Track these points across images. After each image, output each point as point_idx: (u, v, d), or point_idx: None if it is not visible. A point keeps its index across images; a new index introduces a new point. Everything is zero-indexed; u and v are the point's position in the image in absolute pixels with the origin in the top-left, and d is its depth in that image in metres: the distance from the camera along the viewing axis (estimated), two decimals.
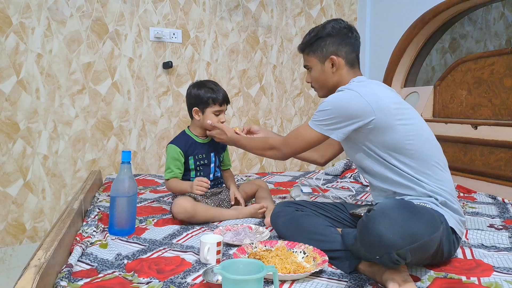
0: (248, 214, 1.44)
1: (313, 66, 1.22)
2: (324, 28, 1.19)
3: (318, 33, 1.19)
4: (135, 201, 1.30)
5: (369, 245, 0.86)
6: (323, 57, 1.19)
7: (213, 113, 1.47)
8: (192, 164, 1.49)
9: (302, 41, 1.24)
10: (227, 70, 2.53)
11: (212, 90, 1.48)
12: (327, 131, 1.12)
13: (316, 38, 1.19)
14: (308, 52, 1.22)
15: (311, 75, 1.24)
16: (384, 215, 0.85)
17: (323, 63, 1.19)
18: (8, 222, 2.06)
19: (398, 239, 0.81)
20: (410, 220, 0.84)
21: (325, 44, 1.18)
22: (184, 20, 2.38)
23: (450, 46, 3.18)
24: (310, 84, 1.27)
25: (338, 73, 1.19)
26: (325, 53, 1.18)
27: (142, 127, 2.34)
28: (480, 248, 1.16)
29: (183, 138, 1.52)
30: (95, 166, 2.24)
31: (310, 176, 2.32)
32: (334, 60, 1.18)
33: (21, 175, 2.08)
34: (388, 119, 1.06)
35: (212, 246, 1.02)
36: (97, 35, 2.19)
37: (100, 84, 2.22)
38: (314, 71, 1.22)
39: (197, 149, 1.50)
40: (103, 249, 1.12)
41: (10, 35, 2.01)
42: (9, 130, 2.04)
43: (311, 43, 1.20)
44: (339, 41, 1.18)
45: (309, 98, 2.80)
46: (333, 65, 1.18)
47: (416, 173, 1.07)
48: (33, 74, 2.07)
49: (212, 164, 1.53)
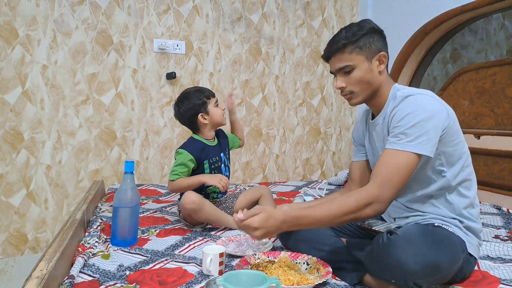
0: None
1: (358, 64, 1.02)
2: (366, 23, 1.04)
3: (363, 28, 1.02)
4: (137, 211, 1.30)
5: (386, 268, 0.84)
6: (371, 54, 1.02)
7: (215, 107, 1.50)
8: (207, 168, 1.50)
9: (340, 38, 1.03)
10: (229, 80, 2.55)
11: (198, 91, 1.51)
12: (425, 149, 0.92)
13: (363, 33, 1.01)
14: (352, 49, 1.02)
15: (352, 77, 1.03)
16: (407, 241, 0.82)
17: (370, 61, 1.02)
18: (10, 232, 2.05)
19: (420, 269, 0.80)
20: (434, 250, 0.83)
21: (373, 40, 1.02)
22: (187, 31, 2.41)
23: (451, 56, 3.20)
24: (341, 90, 1.07)
25: (383, 73, 1.05)
26: (373, 49, 1.02)
27: (145, 137, 2.35)
28: (486, 260, 1.14)
29: (195, 144, 1.50)
30: (98, 176, 2.24)
31: (313, 186, 2.31)
32: (383, 57, 1.03)
33: (24, 185, 2.08)
34: (455, 126, 0.99)
35: (214, 257, 1.02)
36: (101, 47, 2.22)
37: (104, 94, 2.24)
38: (358, 71, 1.02)
39: (210, 152, 1.51)
40: (105, 260, 1.11)
41: (16, 47, 2.04)
42: (13, 140, 2.05)
43: (357, 38, 1.01)
44: (383, 38, 1.05)
45: (311, 108, 2.81)
46: (380, 64, 1.04)
47: (452, 192, 1.00)
48: (38, 85, 2.09)
49: (222, 164, 1.55)
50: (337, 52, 1.04)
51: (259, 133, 2.65)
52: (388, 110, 1.04)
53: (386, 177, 0.92)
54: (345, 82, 1.05)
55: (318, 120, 2.84)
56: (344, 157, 2.96)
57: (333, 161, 2.92)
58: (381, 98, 1.06)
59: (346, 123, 2.94)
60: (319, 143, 2.85)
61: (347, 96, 1.07)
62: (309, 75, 2.79)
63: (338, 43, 1.03)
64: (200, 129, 1.52)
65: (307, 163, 2.82)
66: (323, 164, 2.88)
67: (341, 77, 1.06)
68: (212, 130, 1.54)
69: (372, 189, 0.92)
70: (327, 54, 1.07)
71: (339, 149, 2.93)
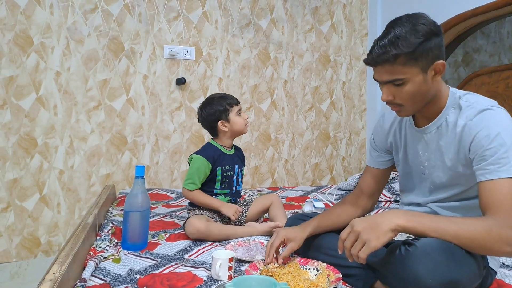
0: (262, 232, 1.42)
1: (411, 78, 0.89)
2: (422, 25, 0.88)
3: (419, 34, 0.87)
4: (148, 215, 1.31)
5: (402, 280, 0.82)
6: (428, 64, 0.89)
7: (236, 115, 1.50)
8: (219, 175, 1.49)
9: (391, 46, 0.87)
10: (238, 85, 2.56)
11: (222, 98, 1.51)
12: None
13: (420, 42, 0.86)
14: (406, 60, 0.87)
15: (404, 91, 0.90)
16: (426, 255, 0.79)
17: (426, 72, 0.89)
18: (23, 236, 2.09)
19: (437, 285, 0.77)
20: (454, 266, 0.79)
21: (430, 47, 0.88)
22: (197, 37, 2.44)
23: (463, 59, 3.16)
24: (389, 102, 0.94)
25: (438, 80, 0.93)
26: (430, 59, 0.88)
27: (155, 142, 2.38)
28: (502, 268, 1.12)
29: (211, 149, 1.51)
30: (109, 180, 2.27)
31: (322, 191, 2.30)
32: (441, 66, 0.90)
33: (37, 190, 2.12)
34: None
35: (224, 262, 1.02)
36: (113, 53, 2.26)
37: (116, 100, 2.27)
38: (410, 85, 0.89)
39: (225, 160, 1.51)
40: (116, 264, 1.13)
41: (31, 54, 2.09)
42: (28, 145, 2.09)
43: (413, 49, 0.86)
44: (440, 41, 0.90)
45: (321, 113, 2.80)
46: (436, 73, 0.91)
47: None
48: (51, 91, 2.14)
49: (235, 176, 1.53)
50: (386, 63, 0.88)
51: (268, 138, 2.66)
52: (448, 119, 0.96)
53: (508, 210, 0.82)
54: (393, 95, 0.92)
55: (328, 125, 2.83)
56: (354, 162, 2.94)
57: (343, 166, 2.90)
58: (435, 105, 0.96)
59: (355, 127, 2.92)
60: (328, 147, 2.84)
61: (395, 108, 0.96)
62: (318, 79, 2.78)
63: (389, 53, 0.87)
64: (219, 135, 1.53)
65: (316, 168, 2.81)
66: (332, 169, 2.87)
67: (389, 88, 0.92)
68: (231, 139, 1.54)
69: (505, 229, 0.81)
70: (373, 62, 0.91)
71: (349, 154, 2.91)
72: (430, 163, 1.02)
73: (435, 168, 1.01)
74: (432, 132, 0.99)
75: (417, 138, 1.04)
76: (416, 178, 1.08)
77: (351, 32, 2.87)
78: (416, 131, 1.04)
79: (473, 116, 0.91)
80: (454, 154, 0.96)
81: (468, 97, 0.96)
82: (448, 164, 0.98)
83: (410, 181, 1.11)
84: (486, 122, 0.89)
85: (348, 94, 2.88)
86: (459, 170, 0.97)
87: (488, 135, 0.87)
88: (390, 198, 2.02)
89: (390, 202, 2.00)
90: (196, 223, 1.34)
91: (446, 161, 0.98)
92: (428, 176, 1.04)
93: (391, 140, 1.12)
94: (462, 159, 0.95)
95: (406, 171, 1.11)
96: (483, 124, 0.89)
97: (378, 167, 1.16)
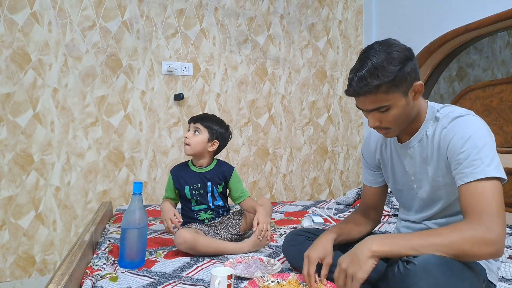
0: (252, 246, 1.40)
1: (395, 103, 0.92)
2: (396, 52, 0.91)
3: (395, 61, 0.90)
4: (145, 232, 1.29)
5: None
6: (407, 87, 0.92)
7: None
8: (188, 194, 1.49)
9: (371, 78, 0.89)
10: (236, 100, 2.58)
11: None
12: (502, 173, 0.87)
13: (398, 69, 0.89)
14: (387, 88, 0.90)
15: (389, 115, 0.93)
16: (426, 272, 0.78)
17: (407, 95, 0.93)
18: (18, 254, 2.05)
19: None
20: (454, 281, 0.79)
21: (408, 72, 0.91)
22: (195, 54, 2.46)
23: (457, 74, 3.21)
24: (376, 127, 0.98)
25: (418, 99, 0.96)
26: (409, 82, 0.92)
27: (153, 157, 2.37)
28: (501, 281, 1.11)
29: (180, 166, 1.57)
30: (106, 197, 2.25)
31: (321, 205, 2.29)
32: (419, 87, 0.94)
33: (33, 207, 2.09)
34: None
35: (222, 279, 1.00)
36: (111, 70, 2.27)
37: (113, 116, 2.28)
38: (395, 109, 0.93)
39: (192, 178, 1.49)
40: (113, 283, 1.10)
41: (28, 71, 2.09)
42: (24, 162, 2.08)
43: (393, 77, 0.89)
44: (415, 62, 0.94)
45: (318, 127, 2.82)
46: (416, 93, 0.95)
47: None
48: (48, 108, 2.14)
49: (209, 193, 1.50)
50: (369, 93, 0.91)
51: (266, 153, 2.66)
52: (428, 132, 0.99)
53: (489, 212, 0.83)
54: (379, 120, 0.96)
55: (325, 139, 2.84)
56: (352, 176, 2.93)
57: (341, 180, 2.90)
58: (416, 121, 1.00)
59: (353, 141, 2.93)
60: (326, 162, 2.84)
61: (382, 131, 0.99)
62: (315, 94, 2.81)
63: (370, 85, 0.89)
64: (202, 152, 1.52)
65: (314, 182, 2.81)
66: (331, 183, 2.86)
67: (374, 115, 0.95)
68: (195, 157, 1.51)
69: (483, 229, 0.82)
70: (355, 94, 0.93)
71: (347, 168, 2.92)
72: (416, 177, 1.04)
73: (422, 181, 1.03)
74: (415, 146, 1.02)
75: (402, 154, 1.06)
76: (408, 195, 1.10)
77: (347, 47, 2.91)
78: (400, 146, 1.06)
79: (448, 124, 0.95)
80: (435, 163, 0.98)
81: (445, 109, 0.99)
82: (430, 174, 1.00)
83: (403, 198, 1.13)
84: (459, 128, 0.92)
85: (345, 108, 2.91)
86: (439, 180, 0.99)
87: (461, 138, 0.90)
88: (388, 212, 2.01)
89: (389, 216, 1.99)
90: (184, 234, 1.34)
91: (429, 172, 1.00)
92: (417, 191, 1.06)
93: (379, 157, 1.15)
94: (443, 168, 0.97)
95: (398, 188, 1.12)
96: (456, 129, 0.92)
97: (376, 186, 1.18)
